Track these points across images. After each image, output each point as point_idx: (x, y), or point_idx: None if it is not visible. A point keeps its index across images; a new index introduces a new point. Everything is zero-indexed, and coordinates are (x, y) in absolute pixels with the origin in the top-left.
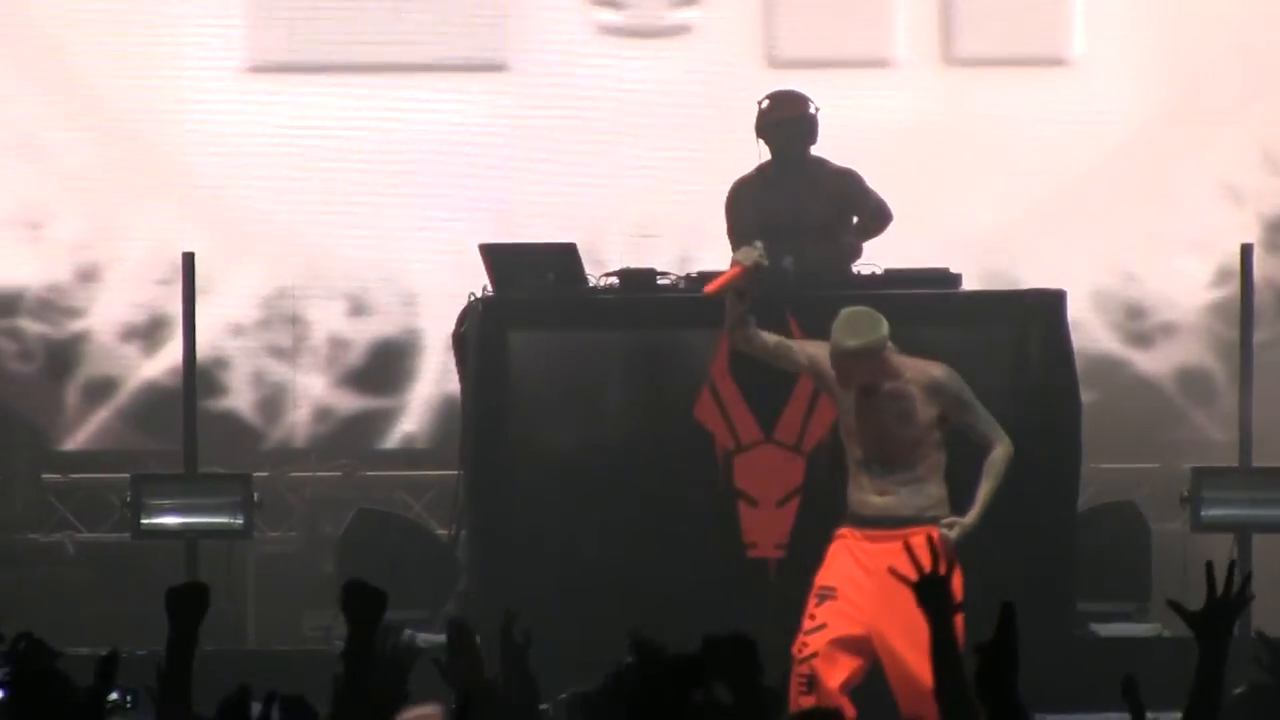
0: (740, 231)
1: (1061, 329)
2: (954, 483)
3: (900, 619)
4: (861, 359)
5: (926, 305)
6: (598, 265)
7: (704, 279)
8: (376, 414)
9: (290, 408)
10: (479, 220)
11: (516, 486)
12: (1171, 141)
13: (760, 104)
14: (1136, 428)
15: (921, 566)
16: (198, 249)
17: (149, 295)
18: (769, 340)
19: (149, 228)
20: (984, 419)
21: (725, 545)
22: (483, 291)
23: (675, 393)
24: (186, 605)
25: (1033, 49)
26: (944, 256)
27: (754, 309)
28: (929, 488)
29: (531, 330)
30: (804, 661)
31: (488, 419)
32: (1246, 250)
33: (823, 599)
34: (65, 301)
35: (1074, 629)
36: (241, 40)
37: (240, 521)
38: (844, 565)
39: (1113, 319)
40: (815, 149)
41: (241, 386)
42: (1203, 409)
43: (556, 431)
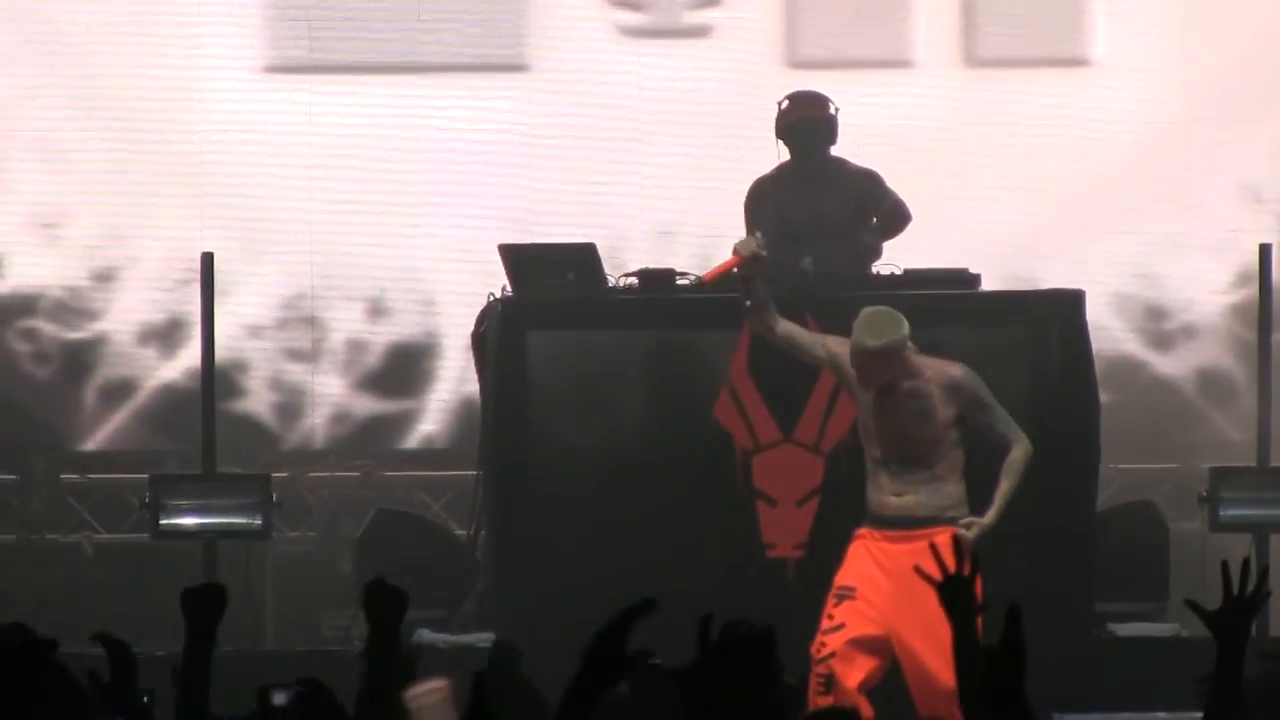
0: (759, 232)
1: (1080, 329)
2: (971, 483)
3: (919, 619)
4: (882, 358)
5: (945, 305)
6: (617, 267)
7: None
8: (395, 417)
9: (308, 411)
10: (498, 221)
11: (536, 486)
12: (1192, 142)
13: (780, 104)
14: (1157, 431)
15: (946, 567)
16: (216, 251)
17: (167, 297)
18: (790, 329)
19: (167, 229)
20: (1002, 419)
21: (744, 545)
22: (502, 292)
23: (694, 393)
24: (204, 606)
25: (1053, 50)
26: (964, 258)
27: (774, 296)
28: (947, 487)
29: (550, 330)
30: (822, 661)
31: (507, 419)
32: (1265, 250)
33: (841, 599)
34: (83, 303)
35: (1092, 629)
36: (260, 40)
37: (259, 522)
38: (863, 565)
39: (1133, 321)
40: (835, 149)
41: (259, 389)
42: (1223, 411)
43: (575, 431)
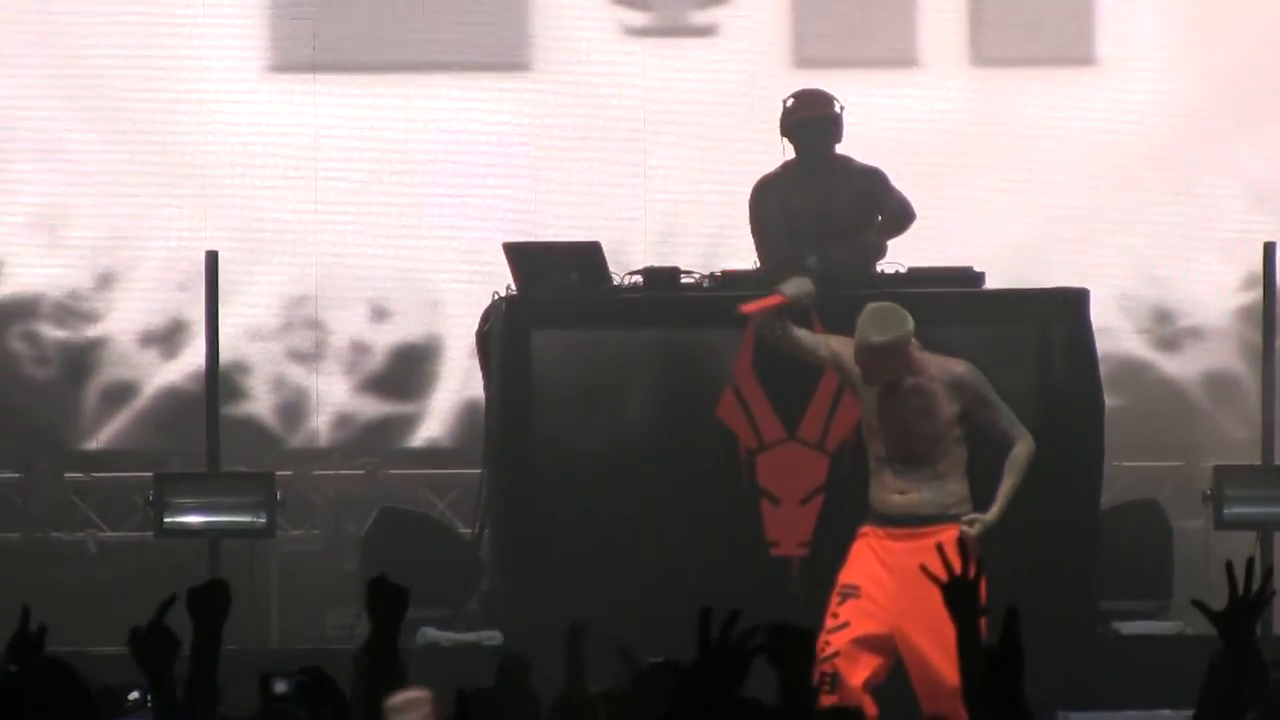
0: (764, 230)
1: (1084, 327)
2: (973, 480)
3: (923, 617)
4: (887, 354)
5: (949, 304)
6: (622, 267)
7: (728, 278)
8: (398, 420)
9: (311, 414)
10: (502, 222)
11: (540, 485)
12: (1199, 142)
13: (785, 103)
14: (1164, 434)
15: (952, 568)
16: (218, 253)
17: (168, 299)
18: (793, 332)
19: (169, 231)
20: (1005, 416)
21: (748, 544)
22: (506, 290)
23: (698, 391)
24: (209, 603)
25: (1059, 49)
26: (969, 258)
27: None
28: (951, 484)
29: (555, 329)
30: (826, 660)
31: (511, 417)
32: (1270, 249)
33: (845, 597)
34: (84, 305)
35: (1096, 627)
36: (263, 41)
37: (263, 520)
38: (867, 563)
39: (1140, 323)
40: (840, 148)
41: (262, 392)
42: (1230, 414)
43: (579, 430)
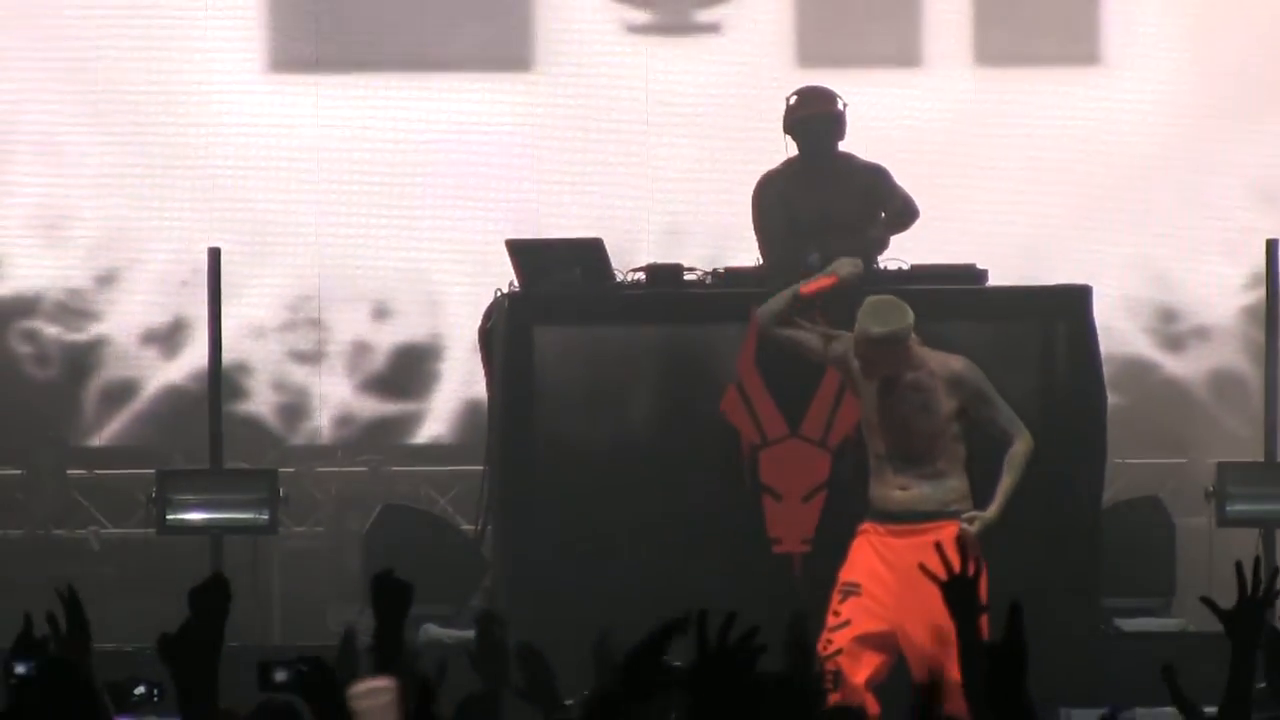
0: (766, 227)
1: (1087, 324)
2: (972, 477)
3: (924, 614)
4: (886, 346)
5: (952, 301)
6: (625, 263)
7: (730, 275)
8: (399, 419)
9: (312, 413)
10: (505, 221)
11: (542, 481)
12: (1203, 141)
13: (788, 100)
14: (1170, 433)
15: (951, 566)
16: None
17: (170, 298)
18: (794, 329)
19: (170, 230)
20: (1004, 413)
21: (750, 541)
22: (509, 287)
23: (701, 388)
24: (210, 599)
25: (1063, 48)
26: (973, 257)
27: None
28: (950, 480)
29: (558, 325)
30: (829, 658)
31: (514, 414)
32: (1272, 245)
33: (846, 595)
34: (85, 304)
35: (1099, 624)
36: (265, 39)
37: (265, 517)
38: (867, 560)
39: (1145, 323)
40: (843, 146)
41: (263, 391)
42: (1234, 413)
43: (582, 426)
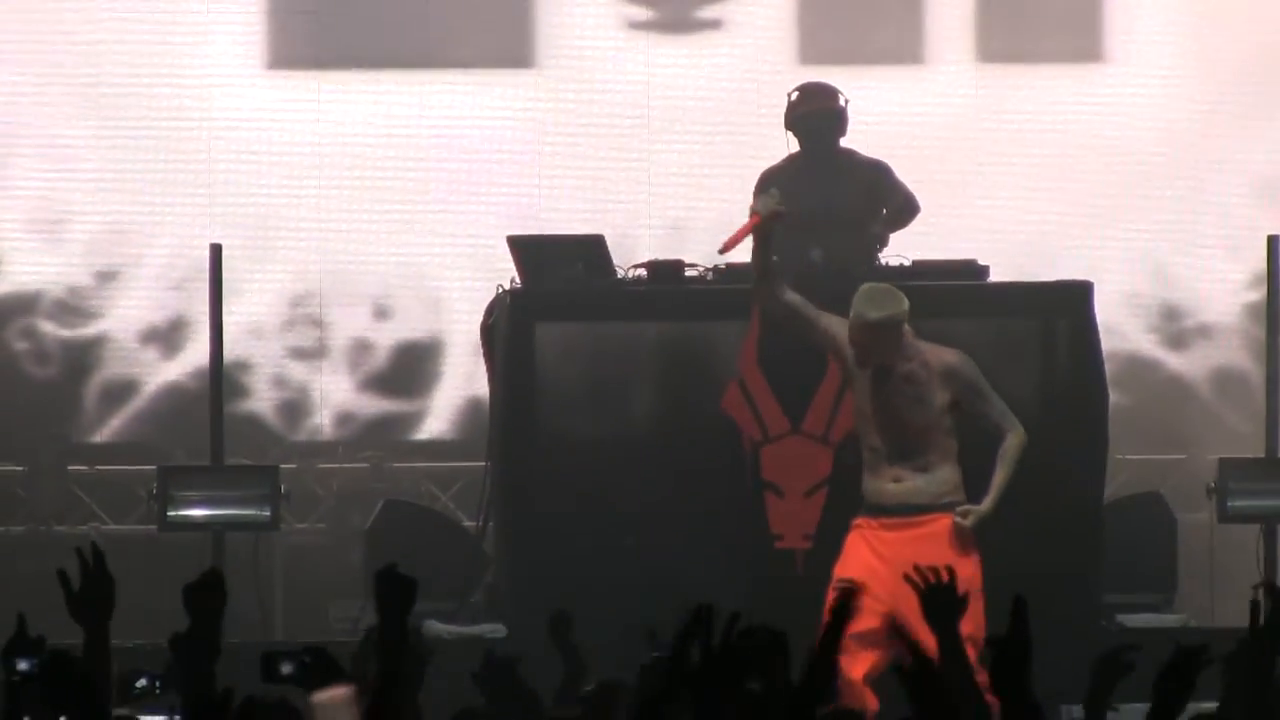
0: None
1: (1088, 320)
2: (966, 472)
3: (918, 607)
4: (881, 332)
5: (954, 297)
6: (626, 259)
7: (732, 271)
8: (400, 418)
9: (313, 412)
10: (507, 219)
11: (544, 477)
12: (1206, 139)
13: (790, 96)
14: (1171, 430)
15: (928, 578)
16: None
17: (170, 297)
18: (794, 300)
19: (170, 228)
20: (997, 407)
21: (752, 536)
22: (511, 283)
23: (703, 384)
24: (205, 596)
25: (1066, 45)
26: (975, 253)
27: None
28: (944, 473)
29: (559, 322)
30: None
31: (515, 410)
32: (1273, 242)
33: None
34: (85, 303)
35: (1100, 620)
36: (266, 36)
37: (267, 513)
38: (861, 556)
39: (1148, 321)
40: (845, 142)
41: (264, 390)
42: (1236, 410)
43: (584, 423)
